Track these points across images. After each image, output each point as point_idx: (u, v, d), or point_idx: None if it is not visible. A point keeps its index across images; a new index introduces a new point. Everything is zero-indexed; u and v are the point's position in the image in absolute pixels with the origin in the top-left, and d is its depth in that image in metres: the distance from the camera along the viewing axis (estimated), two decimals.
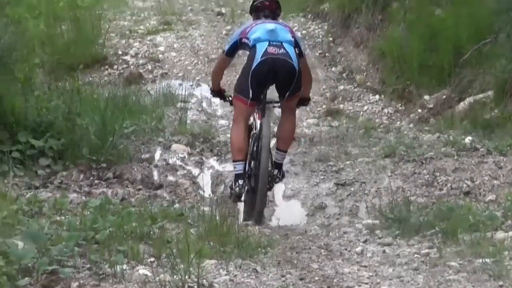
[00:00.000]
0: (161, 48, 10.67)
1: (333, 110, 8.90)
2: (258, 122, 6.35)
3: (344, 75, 9.89)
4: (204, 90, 9.43)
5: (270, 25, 6.34)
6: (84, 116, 6.97)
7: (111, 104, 7.44)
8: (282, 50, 6.18)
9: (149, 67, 10.26)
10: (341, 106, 9.08)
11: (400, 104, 8.87)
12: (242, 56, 7.07)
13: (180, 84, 9.33)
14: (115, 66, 10.26)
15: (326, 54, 10.41)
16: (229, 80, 8.27)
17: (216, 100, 8.90)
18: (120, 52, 10.56)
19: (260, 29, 6.33)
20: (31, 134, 6.62)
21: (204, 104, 8.74)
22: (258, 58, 6.16)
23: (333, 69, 10.07)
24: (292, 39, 6.30)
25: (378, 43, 9.48)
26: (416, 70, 8.72)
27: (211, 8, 12.45)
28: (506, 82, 7.67)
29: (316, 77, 9.81)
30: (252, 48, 6.25)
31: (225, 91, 6.81)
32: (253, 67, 6.16)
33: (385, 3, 9.79)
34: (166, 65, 10.29)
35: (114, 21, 11.60)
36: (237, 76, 6.49)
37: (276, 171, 6.30)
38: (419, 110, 8.42)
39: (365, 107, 9.02)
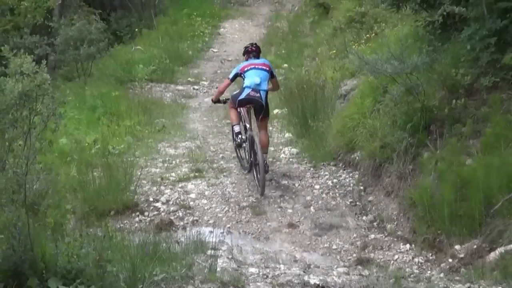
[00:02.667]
0: (192, 195, 11.11)
1: (364, 259, 9.16)
2: (247, 124, 11.75)
3: (374, 224, 10.23)
4: (235, 237, 9.78)
5: (253, 76, 11.59)
6: (114, 263, 7.30)
7: (141, 251, 7.83)
8: (258, 94, 11.49)
9: (180, 214, 10.65)
10: (372, 255, 9.36)
11: (430, 254, 9.11)
12: None
13: (211, 232, 9.66)
14: (146, 213, 10.66)
15: (357, 203, 10.80)
16: None
17: (247, 248, 9.27)
18: (151, 199, 10.99)
19: (252, 77, 11.60)
20: (61, 281, 6.90)
21: (235, 252, 9.04)
22: (243, 95, 11.55)
23: (364, 218, 10.43)
24: (267, 82, 11.62)
25: (409, 192, 9.81)
26: (446, 219, 8.97)
27: None
28: None
29: (347, 225, 10.18)
30: (243, 88, 11.60)
31: (220, 99, 12.42)
32: (239, 98, 11.59)
33: (416, 152, 10.19)
34: (197, 212, 10.69)
35: (146, 168, 12.13)
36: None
37: (265, 163, 11.18)
38: (450, 260, 8.62)
39: (396, 256, 9.28)
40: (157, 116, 16.13)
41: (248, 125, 11.77)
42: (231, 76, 11.99)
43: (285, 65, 20.28)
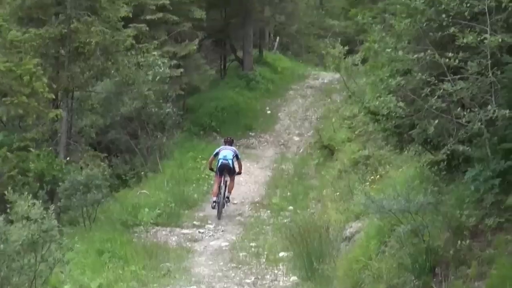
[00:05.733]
0: None
1: None
2: (222, 184, 20.56)
3: None
4: None
5: (224, 153, 20.87)
6: None
7: None
8: (226, 162, 20.62)
9: None
10: None
11: None
12: None
13: None
14: None
15: None
16: None
17: None
18: None
19: (221, 154, 20.85)
20: None
21: None
22: (219, 164, 20.65)
23: None
24: (232, 158, 20.86)
25: None
26: None
27: None
28: None
29: None
30: (218, 161, 20.72)
31: (213, 169, 20.99)
32: (217, 167, 20.66)
33: None
34: None
35: None
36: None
37: (226, 199, 20.80)
38: None
39: None
40: (162, 260, 16.21)
41: (222, 184, 20.65)
42: (213, 153, 21.36)
43: (291, 207, 20.50)
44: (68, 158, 21.82)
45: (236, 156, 21.17)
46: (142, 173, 24.90)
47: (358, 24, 13.91)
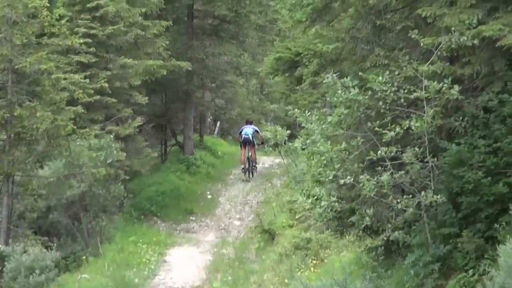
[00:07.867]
0: None
1: None
2: (247, 153, 32.85)
3: None
4: None
5: (245, 131, 33.18)
6: None
7: None
8: (247, 136, 32.82)
9: None
10: None
11: None
12: None
13: None
14: None
15: None
16: None
17: None
18: None
19: (244, 131, 33.16)
20: None
21: None
22: (242, 139, 32.93)
23: None
24: (252, 133, 33.06)
25: None
26: None
27: None
28: None
29: None
30: (242, 136, 33.12)
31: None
32: (241, 141, 33.07)
33: None
34: None
35: None
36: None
37: (254, 167, 33.62)
38: None
39: None
40: None
41: (248, 154, 32.36)
42: (239, 132, 33.67)
43: None
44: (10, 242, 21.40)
45: (256, 131, 33.04)
46: (83, 257, 24.48)
47: (299, 108, 14.11)
